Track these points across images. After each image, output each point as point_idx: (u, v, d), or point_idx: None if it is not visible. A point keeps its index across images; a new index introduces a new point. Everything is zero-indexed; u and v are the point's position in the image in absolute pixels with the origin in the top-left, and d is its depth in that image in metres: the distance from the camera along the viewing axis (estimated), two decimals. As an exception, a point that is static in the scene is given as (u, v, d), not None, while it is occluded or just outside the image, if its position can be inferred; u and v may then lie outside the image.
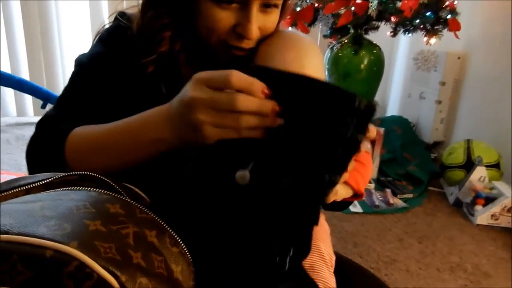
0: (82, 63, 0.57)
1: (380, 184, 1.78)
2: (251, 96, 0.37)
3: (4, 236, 0.31)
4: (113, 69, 0.54)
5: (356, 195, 0.59)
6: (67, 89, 0.56)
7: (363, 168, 0.63)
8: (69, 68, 2.61)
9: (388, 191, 1.65)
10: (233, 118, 0.38)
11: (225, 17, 0.48)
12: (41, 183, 0.44)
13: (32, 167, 0.50)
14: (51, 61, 2.52)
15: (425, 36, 1.78)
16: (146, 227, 0.41)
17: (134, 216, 0.41)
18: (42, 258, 0.30)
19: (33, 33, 2.44)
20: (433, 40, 1.77)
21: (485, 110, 1.96)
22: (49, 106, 1.62)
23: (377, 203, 1.55)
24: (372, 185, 1.70)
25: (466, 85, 2.14)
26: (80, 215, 0.37)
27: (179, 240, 0.44)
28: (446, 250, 1.26)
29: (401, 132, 2.24)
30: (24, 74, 2.48)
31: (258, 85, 0.38)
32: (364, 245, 1.24)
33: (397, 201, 1.60)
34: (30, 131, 0.52)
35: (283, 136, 0.39)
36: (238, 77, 0.37)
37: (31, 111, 2.59)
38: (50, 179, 0.44)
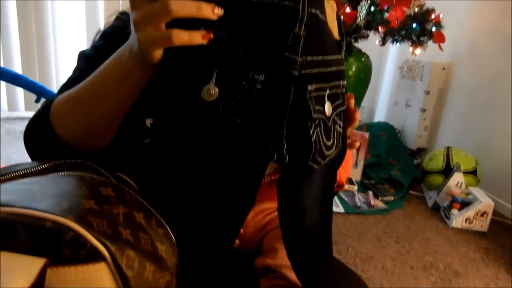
0: (85, 54, 0.59)
1: (363, 186, 1.84)
2: None
3: (9, 209, 0.35)
4: None
5: (338, 186, 0.66)
6: (70, 77, 0.57)
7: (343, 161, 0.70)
8: (63, 64, 2.63)
9: (370, 193, 1.71)
10: (169, 33, 0.36)
11: None
12: (38, 168, 0.48)
13: (28, 148, 0.51)
14: (44, 57, 2.54)
15: (411, 46, 1.86)
16: (134, 209, 0.45)
17: (124, 199, 0.45)
18: (43, 228, 0.34)
19: (28, 28, 2.46)
20: (418, 51, 1.84)
21: (467, 119, 2.04)
22: (43, 101, 1.65)
23: (359, 204, 1.61)
24: (355, 187, 1.76)
25: (450, 94, 2.23)
26: (76, 195, 0.41)
27: (164, 223, 0.49)
28: (422, 250, 1.32)
29: (387, 138, 2.31)
30: (17, 69, 2.50)
31: None
32: (343, 243, 1.29)
33: (378, 203, 1.66)
34: (21, 126, 0.52)
35: (231, 38, 0.38)
36: None
37: (22, 106, 2.60)
38: (46, 165, 0.48)
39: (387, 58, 2.87)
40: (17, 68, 2.52)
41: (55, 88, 2.47)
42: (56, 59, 2.60)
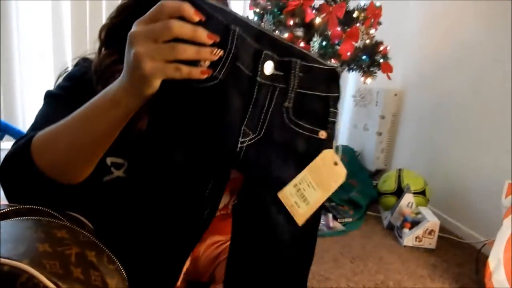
0: (53, 94, 0.63)
1: (324, 208, 1.93)
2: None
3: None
4: (79, 99, 0.52)
5: None
6: (38, 115, 0.61)
7: None
8: (28, 101, 2.51)
9: (330, 215, 1.80)
10: (170, 46, 0.39)
11: None
12: (-2, 213, 0.53)
13: (4, 182, 0.53)
14: (9, 94, 2.49)
15: (362, 76, 2.01)
16: (87, 249, 0.51)
17: (78, 240, 0.51)
18: (1, 272, 0.40)
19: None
20: (369, 80, 1.99)
21: (418, 141, 2.20)
22: (6, 138, 1.61)
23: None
24: (316, 211, 1.85)
25: (402, 118, 2.39)
26: (32, 239, 0.47)
27: (115, 259, 0.54)
28: (375, 269, 1.41)
29: (348, 160, 2.43)
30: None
31: (188, 9, 0.39)
32: (302, 266, 1.36)
33: (337, 225, 1.75)
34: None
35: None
36: (169, 3, 0.40)
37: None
38: (5, 210, 0.53)
39: (346, 85, 3.04)
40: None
41: (20, 126, 2.42)
42: (22, 97, 2.55)
